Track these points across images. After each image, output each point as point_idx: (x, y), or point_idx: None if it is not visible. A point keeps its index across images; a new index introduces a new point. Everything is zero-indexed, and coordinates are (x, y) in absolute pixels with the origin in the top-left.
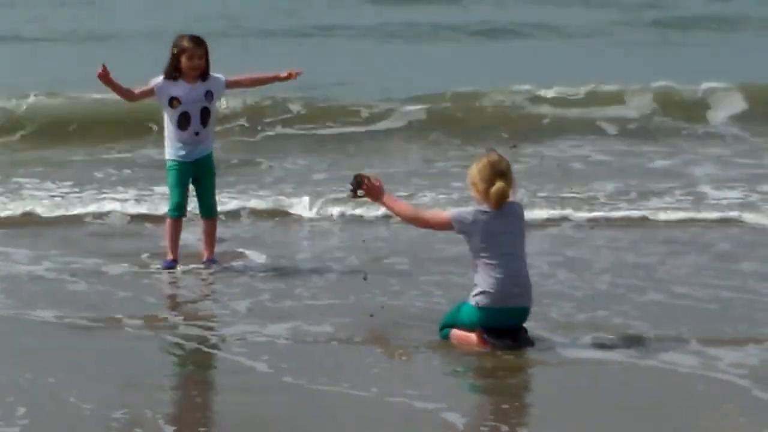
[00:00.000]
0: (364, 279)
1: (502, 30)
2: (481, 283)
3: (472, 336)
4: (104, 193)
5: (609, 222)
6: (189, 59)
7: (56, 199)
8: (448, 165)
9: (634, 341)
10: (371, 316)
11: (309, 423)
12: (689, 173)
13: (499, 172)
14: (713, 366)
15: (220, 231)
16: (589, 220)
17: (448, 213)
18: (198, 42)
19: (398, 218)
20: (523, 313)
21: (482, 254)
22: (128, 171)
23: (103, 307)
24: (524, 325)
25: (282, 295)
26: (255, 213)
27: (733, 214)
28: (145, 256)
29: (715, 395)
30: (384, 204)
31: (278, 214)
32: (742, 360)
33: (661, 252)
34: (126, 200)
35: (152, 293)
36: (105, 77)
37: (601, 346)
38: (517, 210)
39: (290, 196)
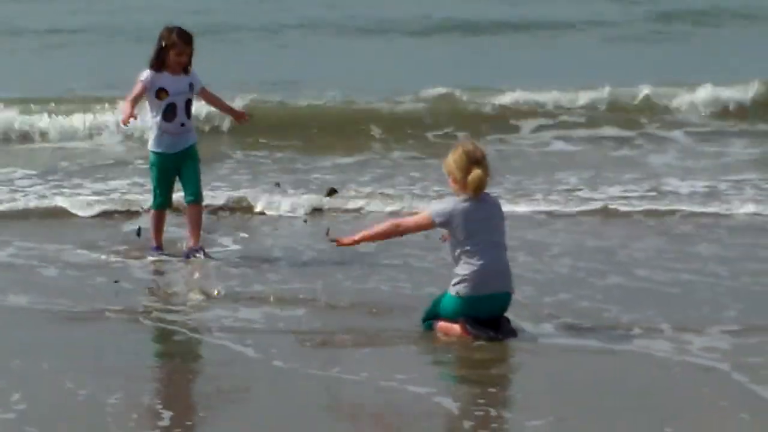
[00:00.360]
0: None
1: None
2: (461, 272)
3: (456, 327)
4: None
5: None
6: (177, 55)
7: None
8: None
9: (606, 326)
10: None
11: (308, 407)
12: (651, 162)
13: (475, 160)
14: (687, 351)
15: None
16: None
17: (428, 211)
18: (188, 40)
19: (381, 240)
20: (505, 299)
21: (462, 243)
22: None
23: (79, 295)
24: (507, 315)
25: (254, 281)
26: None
27: (693, 202)
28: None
29: (695, 380)
30: (361, 241)
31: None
32: (713, 344)
33: (620, 235)
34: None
35: (127, 281)
36: (132, 112)
37: (574, 332)
38: (494, 199)
39: (250, 187)
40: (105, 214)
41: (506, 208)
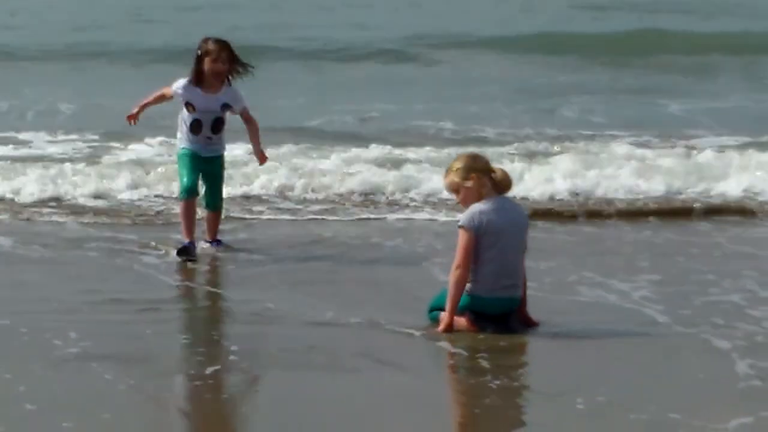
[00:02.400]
0: None
1: None
2: (474, 272)
3: (462, 319)
4: None
5: None
6: (213, 62)
7: None
8: None
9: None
10: None
11: (347, 351)
12: None
13: (487, 161)
14: (630, 299)
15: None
16: None
17: (464, 230)
18: (223, 46)
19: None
20: (513, 302)
21: (482, 244)
22: None
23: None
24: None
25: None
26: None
27: None
28: None
29: (659, 334)
30: (454, 319)
31: None
32: (644, 291)
33: None
34: None
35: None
36: (137, 114)
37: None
38: (516, 204)
39: None
40: None
41: None
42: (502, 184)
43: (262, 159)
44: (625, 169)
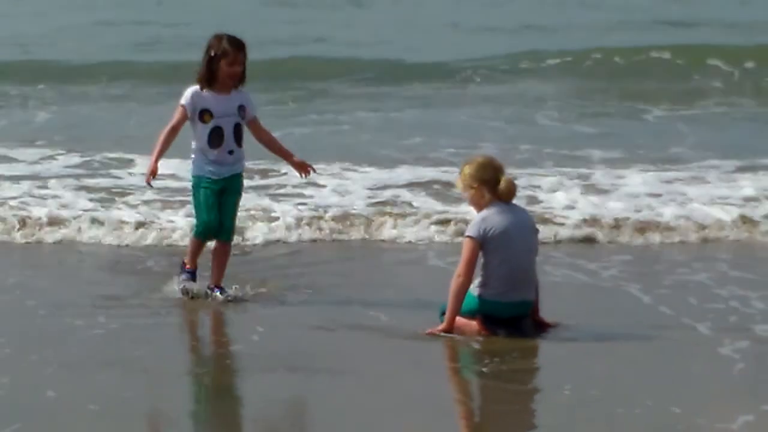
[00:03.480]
0: None
1: None
2: (485, 276)
3: (473, 323)
4: None
5: None
6: (230, 65)
7: None
8: None
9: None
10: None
11: (355, 354)
12: None
13: (499, 167)
14: (600, 276)
15: None
16: None
17: (470, 239)
18: (239, 46)
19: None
20: (525, 305)
21: (491, 248)
22: None
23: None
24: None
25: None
26: None
27: None
28: None
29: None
30: (454, 322)
31: None
32: (615, 270)
33: None
34: None
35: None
36: (155, 171)
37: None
38: (523, 209)
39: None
40: None
41: None
42: (504, 194)
43: (305, 169)
44: None
